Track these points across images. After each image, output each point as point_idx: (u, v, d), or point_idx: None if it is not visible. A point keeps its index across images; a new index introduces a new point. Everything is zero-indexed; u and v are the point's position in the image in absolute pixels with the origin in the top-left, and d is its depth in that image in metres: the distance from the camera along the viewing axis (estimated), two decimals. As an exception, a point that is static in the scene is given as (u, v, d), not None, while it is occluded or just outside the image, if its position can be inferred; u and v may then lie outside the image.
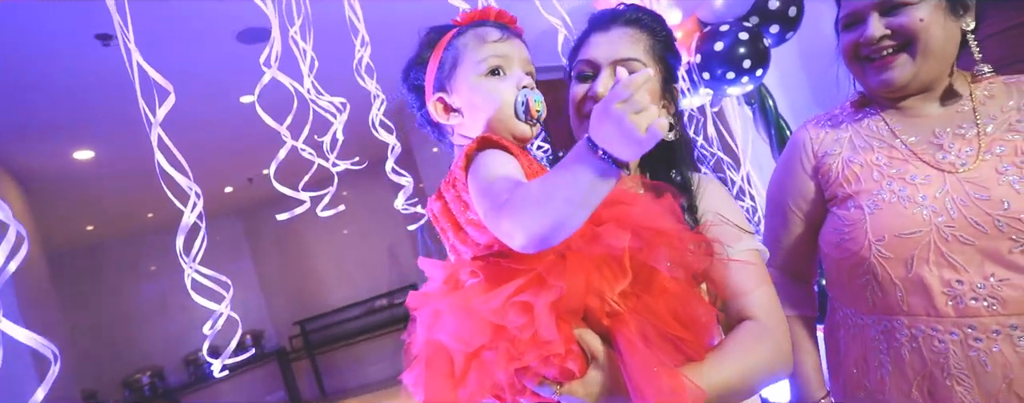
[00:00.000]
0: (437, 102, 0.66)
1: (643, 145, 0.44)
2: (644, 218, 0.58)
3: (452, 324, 0.55)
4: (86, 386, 5.10)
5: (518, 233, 0.50)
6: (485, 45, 0.64)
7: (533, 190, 0.50)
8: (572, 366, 0.54)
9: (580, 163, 0.47)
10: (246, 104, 2.14)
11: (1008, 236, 0.71)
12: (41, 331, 2.56)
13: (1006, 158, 0.75)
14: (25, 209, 3.16)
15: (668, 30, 0.80)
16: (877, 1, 0.80)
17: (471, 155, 0.59)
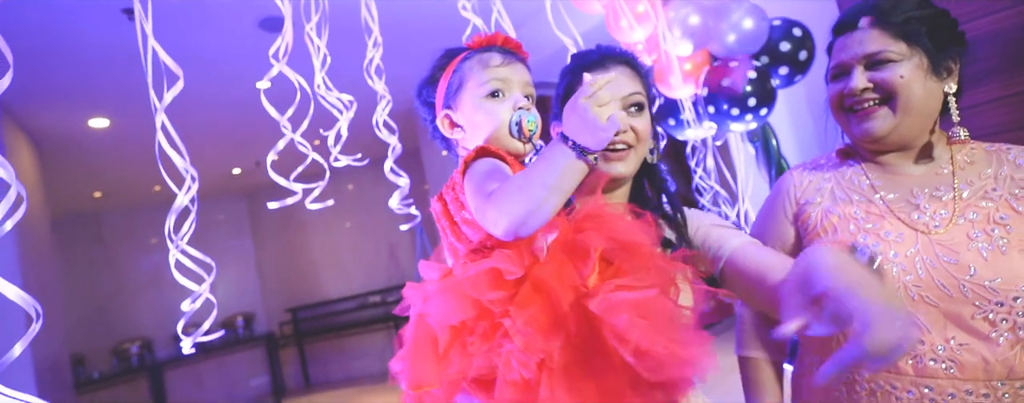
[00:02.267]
0: (444, 118, 0.74)
1: (605, 132, 0.54)
2: (620, 232, 0.62)
3: (437, 302, 0.60)
4: (76, 350, 5.15)
5: (501, 218, 0.56)
6: (487, 69, 0.71)
7: (515, 179, 0.58)
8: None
9: (554, 152, 0.57)
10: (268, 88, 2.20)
11: (972, 302, 0.71)
12: (38, 291, 2.59)
13: (978, 225, 0.76)
14: (36, 170, 3.22)
15: (645, 65, 0.86)
16: (861, 55, 0.83)
17: (469, 162, 0.66)
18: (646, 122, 0.81)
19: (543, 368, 0.53)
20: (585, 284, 0.56)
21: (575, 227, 0.62)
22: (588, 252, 0.58)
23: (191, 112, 3.21)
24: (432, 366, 0.57)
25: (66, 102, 2.80)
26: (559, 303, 0.55)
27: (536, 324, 0.54)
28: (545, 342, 0.54)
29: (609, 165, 0.80)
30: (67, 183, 4.18)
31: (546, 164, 0.57)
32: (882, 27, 0.83)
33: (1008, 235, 0.74)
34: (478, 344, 0.56)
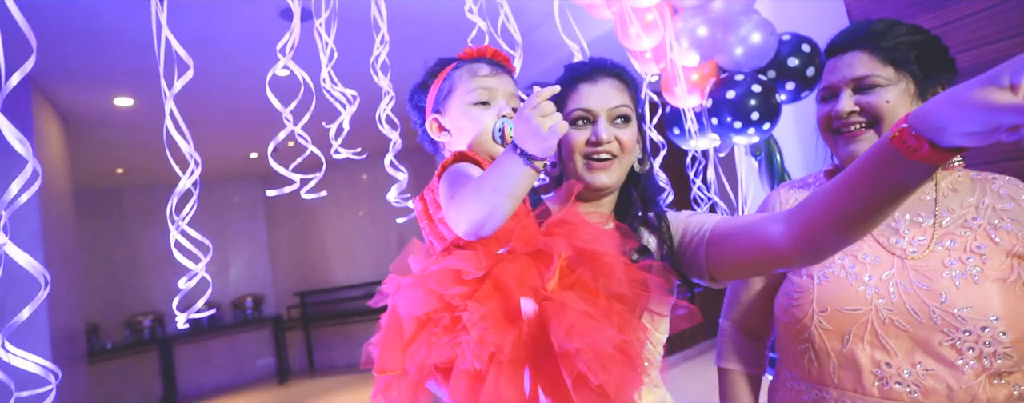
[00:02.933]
0: (433, 122, 0.78)
1: (547, 140, 0.57)
2: (586, 241, 0.65)
3: (406, 295, 0.63)
4: (91, 320, 5.31)
5: (461, 220, 0.61)
6: (475, 78, 0.75)
7: (471, 185, 0.61)
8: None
9: (505, 159, 0.60)
10: (279, 77, 2.26)
11: (940, 328, 0.72)
12: (59, 261, 2.71)
13: (954, 253, 0.76)
14: (62, 145, 3.33)
15: (636, 76, 0.91)
16: (850, 78, 0.84)
17: (446, 166, 0.69)
18: (632, 133, 0.83)
19: (493, 360, 0.56)
20: (544, 287, 0.59)
21: (545, 232, 0.65)
22: (551, 257, 0.60)
23: (212, 96, 3.29)
24: (397, 353, 0.60)
25: (93, 81, 2.89)
26: (516, 302, 0.57)
27: (491, 319, 0.57)
28: (498, 336, 0.57)
29: (593, 174, 0.82)
30: (91, 158, 4.30)
31: (498, 170, 0.60)
32: (871, 51, 0.84)
33: (983, 265, 0.74)
34: (440, 335, 0.59)
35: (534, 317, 0.57)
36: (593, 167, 0.82)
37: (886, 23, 0.87)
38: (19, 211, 0.73)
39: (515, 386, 0.56)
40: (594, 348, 0.54)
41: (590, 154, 0.81)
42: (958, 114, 0.46)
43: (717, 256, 0.77)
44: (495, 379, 0.56)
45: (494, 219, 0.59)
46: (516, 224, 0.64)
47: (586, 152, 0.82)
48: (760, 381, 1.00)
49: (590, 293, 0.61)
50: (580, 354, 0.54)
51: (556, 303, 0.57)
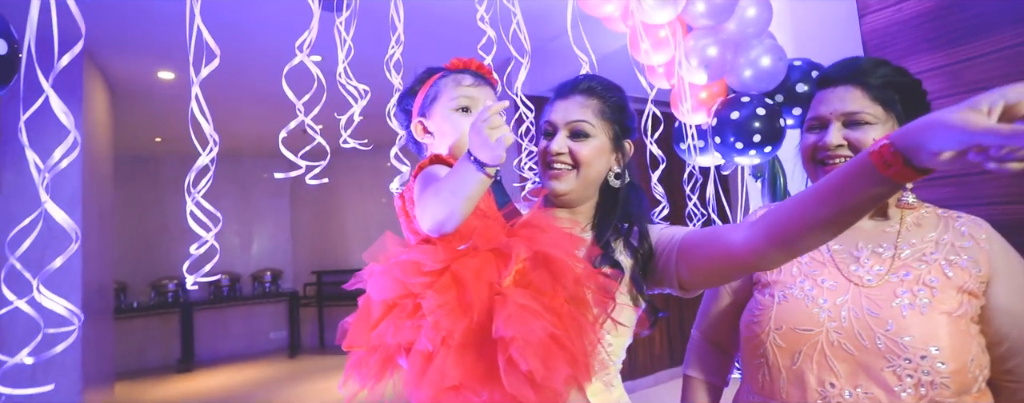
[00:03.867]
0: (418, 124, 0.85)
1: (495, 150, 0.63)
2: (548, 244, 0.69)
3: (376, 281, 0.69)
4: (120, 278, 5.59)
5: (425, 218, 0.68)
6: (459, 88, 0.81)
7: (433, 188, 0.68)
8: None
9: (461, 166, 0.66)
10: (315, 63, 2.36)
11: (883, 355, 0.76)
12: (95, 220, 2.91)
13: (906, 284, 0.80)
14: (107, 111, 3.53)
15: (619, 96, 0.92)
16: (841, 112, 0.87)
17: (422, 167, 0.76)
18: (590, 148, 0.87)
19: (444, 343, 0.62)
20: (500, 283, 0.65)
21: (510, 232, 0.71)
22: (510, 256, 0.66)
23: (248, 77, 3.43)
24: (366, 332, 0.66)
25: (140, 54, 3.06)
26: (470, 294, 0.63)
27: (446, 308, 0.63)
28: (451, 323, 0.62)
29: (549, 181, 0.88)
30: (132, 126, 4.53)
31: (455, 176, 0.67)
32: (864, 88, 0.87)
33: (932, 297, 0.77)
34: (404, 319, 0.65)
35: (486, 308, 0.63)
36: (549, 175, 0.88)
37: (875, 62, 0.90)
38: (63, 172, 0.83)
39: (460, 368, 0.62)
40: (526, 336, 0.59)
41: (549, 162, 0.88)
42: (937, 134, 0.50)
43: (686, 265, 0.82)
44: (443, 360, 0.62)
45: (453, 219, 0.66)
46: (481, 223, 0.70)
47: (547, 161, 0.89)
48: (720, 391, 1.04)
49: (543, 292, 0.66)
50: (513, 341, 0.59)
51: (503, 297, 0.63)
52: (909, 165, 0.53)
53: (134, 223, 5.87)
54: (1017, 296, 0.78)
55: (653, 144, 1.46)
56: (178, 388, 4.98)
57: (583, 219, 0.93)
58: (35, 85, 0.76)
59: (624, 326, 0.84)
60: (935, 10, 1.48)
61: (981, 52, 1.39)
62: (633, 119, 0.96)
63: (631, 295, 0.87)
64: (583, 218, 0.93)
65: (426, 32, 2.64)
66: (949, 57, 1.45)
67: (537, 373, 0.59)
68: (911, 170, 0.53)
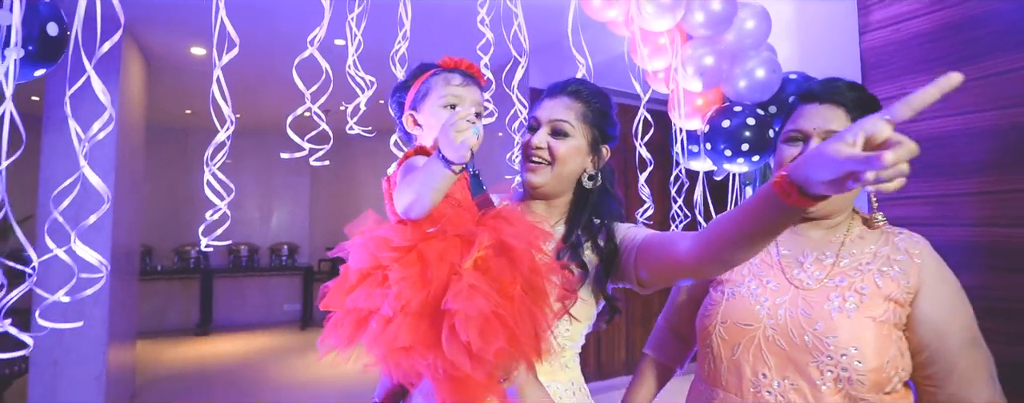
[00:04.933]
0: (409, 117, 0.91)
1: (459, 151, 0.70)
2: (511, 235, 0.77)
3: (353, 252, 0.77)
4: (147, 242, 5.86)
5: (399, 202, 0.77)
6: (448, 86, 0.88)
7: (408, 178, 0.76)
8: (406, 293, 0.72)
9: (431, 162, 0.74)
10: (337, 46, 2.45)
11: (809, 351, 0.83)
12: (127, 184, 3.13)
13: (840, 289, 0.87)
14: (142, 83, 3.70)
15: (602, 102, 0.99)
16: (824, 130, 0.91)
17: (408, 156, 0.84)
18: (567, 147, 0.94)
19: (403, 310, 0.71)
20: (460, 265, 0.72)
21: (479, 221, 0.79)
22: (472, 242, 0.74)
23: (276, 57, 3.57)
24: (341, 296, 0.75)
25: (175, 29, 3.21)
26: (431, 271, 0.72)
27: (409, 281, 0.71)
28: (410, 294, 0.70)
29: (525, 173, 0.96)
30: (165, 98, 4.73)
31: (426, 170, 0.74)
32: (847, 110, 0.91)
33: (860, 303, 0.84)
34: (374, 287, 0.73)
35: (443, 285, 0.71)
36: (526, 167, 0.96)
37: (850, 85, 0.95)
38: (99, 140, 0.94)
39: (412, 333, 0.70)
40: (468, 311, 0.67)
41: (528, 156, 0.96)
42: (818, 165, 0.57)
43: (643, 266, 0.90)
44: (399, 324, 0.70)
45: (418, 206, 0.74)
46: (452, 211, 0.78)
47: (526, 154, 0.97)
48: (671, 372, 1.13)
49: (500, 278, 0.73)
50: (457, 313, 0.67)
51: (459, 277, 0.71)
52: (804, 194, 0.60)
53: (163, 190, 6.14)
54: (940, 309, 0.85)
55: (643, 147, 1.53)
56: (195, 350, 5.23)
57: (557, 213, 1.01)
58: (79, 60, 0.87)
59: (578, 321, 0.92)
60: (932, 32, 1.51)
61: (973, 76, 1.43)
62: (614, 127, 1.02)
63: (593, 290, 0.94)
64: (557, 213, 1.01)
65: (434, 28, 2.73)
66: (941, 78, 1.49)
67: (474, 344, 0.67)
68: (807, 198, 0.61)
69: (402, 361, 0.71)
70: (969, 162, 1.42)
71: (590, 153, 0.98)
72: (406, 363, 0.71)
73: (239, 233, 6.55)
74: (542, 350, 0.77)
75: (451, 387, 0.72)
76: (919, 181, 1.52)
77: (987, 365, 0.86)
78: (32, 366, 2.78)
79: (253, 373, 4.43)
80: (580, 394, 0.93)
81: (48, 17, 0.89)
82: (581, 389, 0.94)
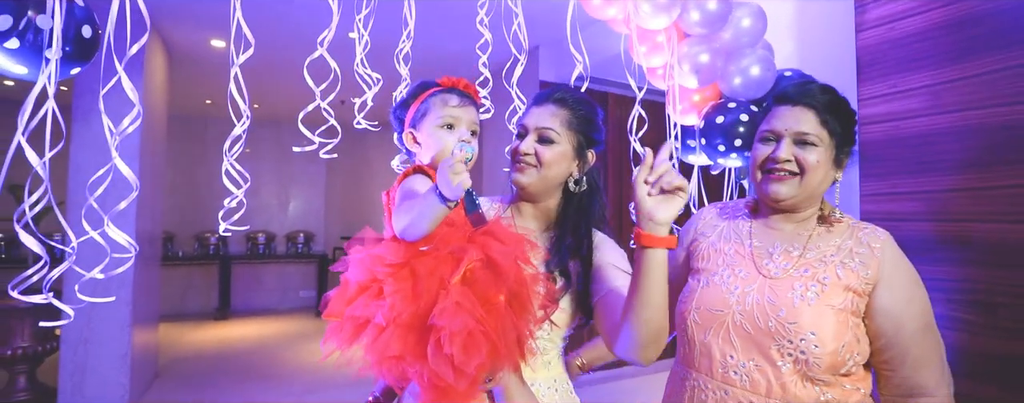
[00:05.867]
0: (409, 134, 0.96)
1: (454, 191, 0.75)
2: (498, 254, 0.82)
3: (353, 266, 0.83)
4: (168, 229, 6.05)
5: (396, 225, 0.82)
6: (446, 108, 0.93)
7: (407, 204, 0.81)
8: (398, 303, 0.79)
9: (428, 196, 0.78)
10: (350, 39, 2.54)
11: (772, 335, 0.90)
12: (150, 172, 3.30)
13: (804, 279, 0.93)
14: (165, 74, 3.83)
15: (588, 110, 1.04)
16: (795, 131, 0.97)
17: (407, 174, 0.89)
18: (553, 153, 1.00)
19: (394, 322, 0.76)
20: (449, 281, 0.78)
21: (469, 238, 0.83)
22: (461, 259, 0.79)
23: (292, 51, 3.67)
24: (342, 305, 0.81)
25: (197, 23, 3.32)
26: (422, 286, 0.77)
27: (401, 294, 0.77)
28: (402, 307, 0.76)
29: (514, 174, 1.02)
30: (187, 88, 4.87)
31: (423, 201, 0.79)
32: (816, 112, 0.97)
33: (822, 293, 0.91)
34: (371, 298, 0.79)
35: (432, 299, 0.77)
36: (515, 169, 1.02)
37: (823, 88, 1.00)
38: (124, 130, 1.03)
39: (402, 343, 0.76)
40: (452, 327, 0.73)
41: (516, 159, 1.02)
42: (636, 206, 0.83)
43: (597, 318, 0.98)
44: (390, 334, 0.76)
45: (414, 232, 0.80)
46: (443, 229, 0.83)
47: (515, 158, 1.03)
48: None
49: (485, 291, 0.78)
50: (442, 329, 0.73)
51: (447, 292, 0.76)
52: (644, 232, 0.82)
53: (183, 178, 6.33)
54: (897, 300, 0.90)
55: (637, 142, 1.59)
56: (214, 333, 5.42)
57: (545, 219, 1.07)
58: (110, 58, 0.96)
59: (557, 327, 0.98)
60: (924, 31, 1.54)
61: (962, 75, 1.46)
62: (599, 132, 1.07)
63: (575, 298, 1.00)
64: (545, 218, 1.07)
65: (437, 27, 2.80)
66: (933, 77, 1.52)
67: (457, 358, 0.73)
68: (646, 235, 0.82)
69: (393, 368, 0.78)
70: (955, 159, 1.46)
71: (575, 158, 1.03)
72: (396, 369, 0.78)
73: (257, 221, 6.73)
74: (524, 355, 0.84)
75: (435, 394, 0.79)
76: (907, 177, 1.56)
77: (938, 351, 0.92)
78: (63, 344, 2.94)
79: (269, 356, 4.60)
80: (562, 390, 0.99)
81: (82, 20, 0.98)
82: (564, 385, 1.01)
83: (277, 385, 3.81)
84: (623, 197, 3.92)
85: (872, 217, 1.63)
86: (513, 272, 0.82)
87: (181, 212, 6.32)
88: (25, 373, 3.17)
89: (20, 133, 0.78)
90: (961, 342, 1.43)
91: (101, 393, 2.99)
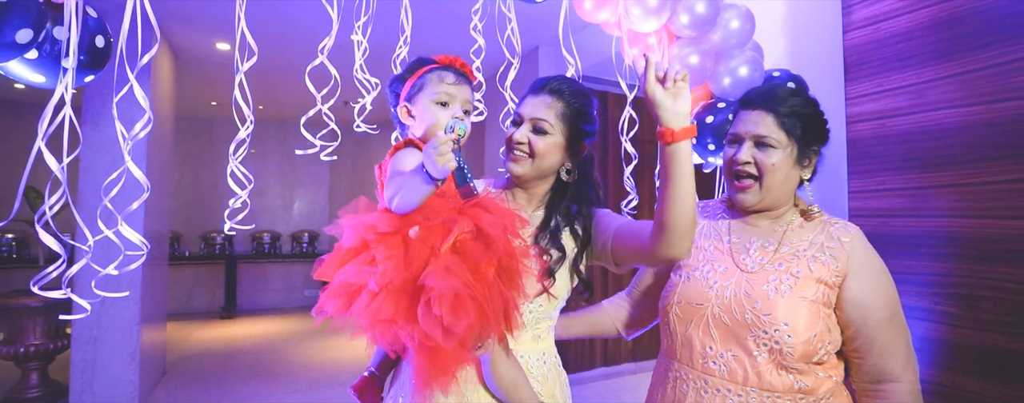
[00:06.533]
0: (403, 108, 0.99)
1: (440, 170, 0.78)
2: (487, 223, 0.85)
3: (346, 232, 0.85)
4: (175, 229, 6.14)
5: (386, 198, 0.85)
6: (441, 84, 0.96)
7: (399, 179, 0.84)
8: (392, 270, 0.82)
9: (416, 174, 0.81)
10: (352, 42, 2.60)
11: (749, 326, 0.94)
12: (157, 173, 3.39)
13: (778, 273, 0.97)
14: (171, 76, 3.90)
15: (583, 102, 1.06)
16: (754, 134, 1.02)
17: (397, 148, 0.93)
18: (546, 144, 1.02)
19: (386, 287, 0.79)
20: (439, 248, 0.81)
21: (460, 210, 0.86)
22: (451, 229, 0.82)
23: (296, 54, 3.73)
24: (333, 269, 0.85)
25: (203, 26, 3.38)
26: (412, 253, 0.81)
27: (393, 260, 0.80)
28: (394, 273, 0.79)
29: (509, 164, 1.05)
30: (192, 90, 4.94)
31: (412, 179, 0.82)
32: (775, 115, 1.01)
33: (795, 285, 0.95)
34: (362, 264, 0.82)
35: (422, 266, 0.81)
36: (509, 158, 1.05)
37: (788, 92, 1.04)
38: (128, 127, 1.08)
39: (394, 307, 0.79)
40: (441, 289, 0.76)
41: (511, 147, 1.05)
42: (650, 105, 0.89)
43: (617, 250, 1.00)
44: (382, 299, 0.79)
45: (402, 206, 0.83)
46: (434, 200, 0.86)
47: (510, 146, 1.06)
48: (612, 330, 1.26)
49: (475, 260, 0.81)
50: (431, 290, 0.76)
51: (437, 258, 0.80)
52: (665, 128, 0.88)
53: (190, 179, 6.41)
54: (865, 291, 0.95)
55: (628, 142, 1.63)
56: (220, 332, 5.50)
57: (536, 201, 1.10)
58: (122, 65, 1.01)
59: (554, 298, 1.02)
60: (909, 31, 1.58)
61: (945, 74, 1.50)
62: (593, 124, 1.09)
63: (570, 271, 1.04)
64: (536, 200, 1.10)
65: (432, 32, 2.85)
66: (917, 76, 1.56)
67: (446, 318, 0.76)
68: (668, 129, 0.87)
69: (385, 331, 0.81)
70: (939, 156, 1.50)
71: (568, 148, 1.06)
72: (388, 333, 0.82)
73: (262, 221, 6.81)
74: (512, 326, 0.87)
75: (427, 356, 0.83)
76: (893, 174, 1.60)
77: (904, 338, 0.96)
78: (74, 342, 3.02)
79: (274, 354, 4.67)
80: (550, 363, 1.03)
81: (96, 30, 1.03)
82: (552, 358, 1.04)
83: (282, 382, 3.88)
84: (620, 194, 3.96)
85: (861, 213, 1.67)
86: (503, 244, 0.84)
87: (187, 212, 6.40)
88: (37, 370, 3.25)
89: (40, 139, 0.84)
90: (944, 334, 1.47)
91: (111, 390, 3.06)
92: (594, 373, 3.98)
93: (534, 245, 1.01)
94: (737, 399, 0.94)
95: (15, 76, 0.92)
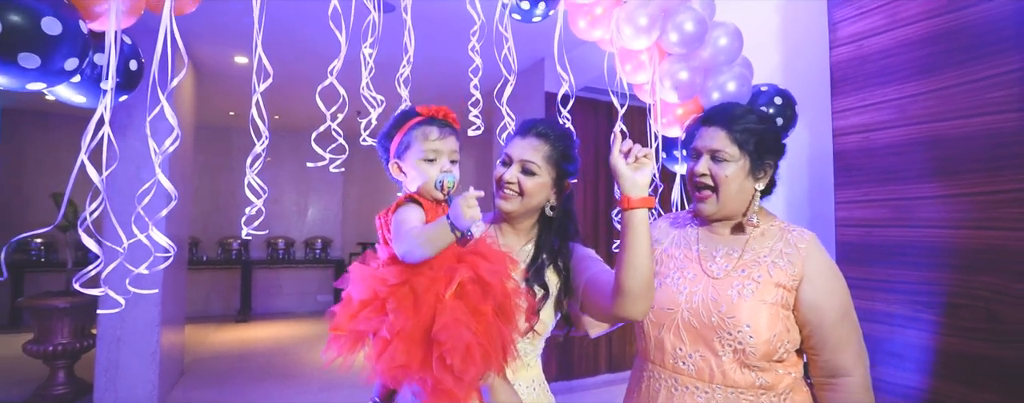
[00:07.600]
0: (394, 165, 1.05)
1: (467, 225, 0.85)
2: (486, 271, 0.91)
3: (355, 283, 0.92)
4: (194, 234, 6.32)
5: (399, 248, 0.91)
6: (426, 141, 1.01)
7: (416, 229, 0.91)
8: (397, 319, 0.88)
9: (441, 223, 0.87)
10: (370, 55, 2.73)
11: (714, 328, 1.02)
12: (178, 181, 3.57)
13: (741, 278, 1.05)
14: (192, 87, 4.07)
15: (567, 144, 1.13)
16: (710, 148, 1.10)
17: (400, 204, 0.99)
18: (534, 183, 1.08)
19: (398, 335, 0.85)
20: (443, 296, 0.88)
21: (458, 258, 0.93)
22: (453, 277, 0.89)
23: (310, 68, 3.88)
24: (347, 320, 0.90)
25: (223, 40, 3.55)
26: (421, 302, 0.87)
27: (402, 309, 0.86)
28: (404, 322, 0.85)
29: (498, 201, 1.12)
30: (212, 100, 5.12)
31: (435, 228, 0.87)
32: (728, 131, 1.08)
33: (756, 289, 1.02)
34: (373, 314, 0.88)
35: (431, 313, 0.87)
36: (499, 196, 1.11)
37: (746, 110, 1.12)
38: (158, 144, 1.19)
39: (406, 354, 0.85)
40: (453, 342, 0.82)
41: (501, 185, 1.11)
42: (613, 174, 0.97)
43: (585, 301, 1.07)
44: (395, 346, 0.84)
45: (418, 256, 0.88)
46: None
47: (499, 184, 1.11)
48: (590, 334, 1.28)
49: (475, 304, 0.89)
50: (445, 343, 0.82)
51: (443, 306, 0.86)
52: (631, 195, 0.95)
53: (208, 186, 6.61)
54: (819, 293, 1.02)
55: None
56: (236, 335, 5.64)
57: (524, 237, 1.16)
58: (153, 86, 1.12)
59: (538, 334, 1.08)
60: (890, 49, 1.65)
61: (926, 89, 1.56)
62: (575, 163, 1.15)
63: (554, 307, 1.11)
64: (524, 236, 1.16)
65: (435, 49, 2.96)
66: (900, 91, 1.63)
67: (456, 367, 0.83)
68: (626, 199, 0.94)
69: (400, 375, 0.87)
70: (920, 168, 1.56)
71: (553, 187, 1.12)
72: (402, 377, 0.88)
73: (277, 227, 6.98)
74: (509, 359, 0.94)
75: (438, 396, 0.89)
76: (877, 186, 1.66)
77: (855, 335, 1.03)
78: (99, 341, 3.16)
79: (288, 356, 4.79)
80: (540, 389, 1.09)
81: (130, 55, 1.15)
82: (541, 385, 1.11)
83: (295, 384, 3.99)
84: (611, 204, 4.02)
85: (847, 223, 1.73)
86: (499, 287, 0.92)
87: (206, 218, 6.59)
88: (64, 368, 3.40)
89: (83, 153, 0.95)
90: (926, 341, 1.52)
91: (132, 388, 3.19)
92: (598, 379, 4.03)
93: (524, 283, 1.08)
94: (705, 396, 1.02)
95: (61, 98, 1.04)
